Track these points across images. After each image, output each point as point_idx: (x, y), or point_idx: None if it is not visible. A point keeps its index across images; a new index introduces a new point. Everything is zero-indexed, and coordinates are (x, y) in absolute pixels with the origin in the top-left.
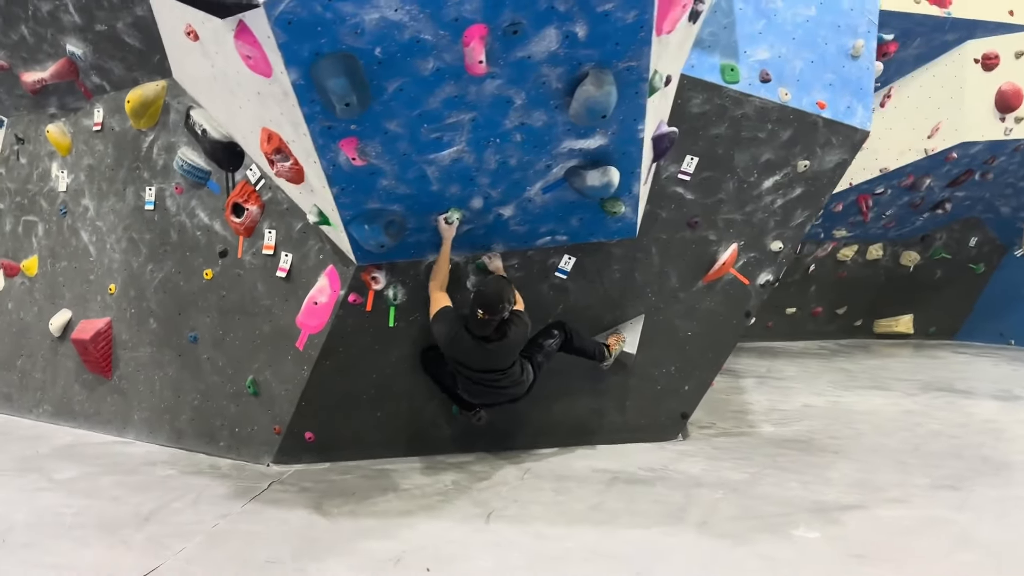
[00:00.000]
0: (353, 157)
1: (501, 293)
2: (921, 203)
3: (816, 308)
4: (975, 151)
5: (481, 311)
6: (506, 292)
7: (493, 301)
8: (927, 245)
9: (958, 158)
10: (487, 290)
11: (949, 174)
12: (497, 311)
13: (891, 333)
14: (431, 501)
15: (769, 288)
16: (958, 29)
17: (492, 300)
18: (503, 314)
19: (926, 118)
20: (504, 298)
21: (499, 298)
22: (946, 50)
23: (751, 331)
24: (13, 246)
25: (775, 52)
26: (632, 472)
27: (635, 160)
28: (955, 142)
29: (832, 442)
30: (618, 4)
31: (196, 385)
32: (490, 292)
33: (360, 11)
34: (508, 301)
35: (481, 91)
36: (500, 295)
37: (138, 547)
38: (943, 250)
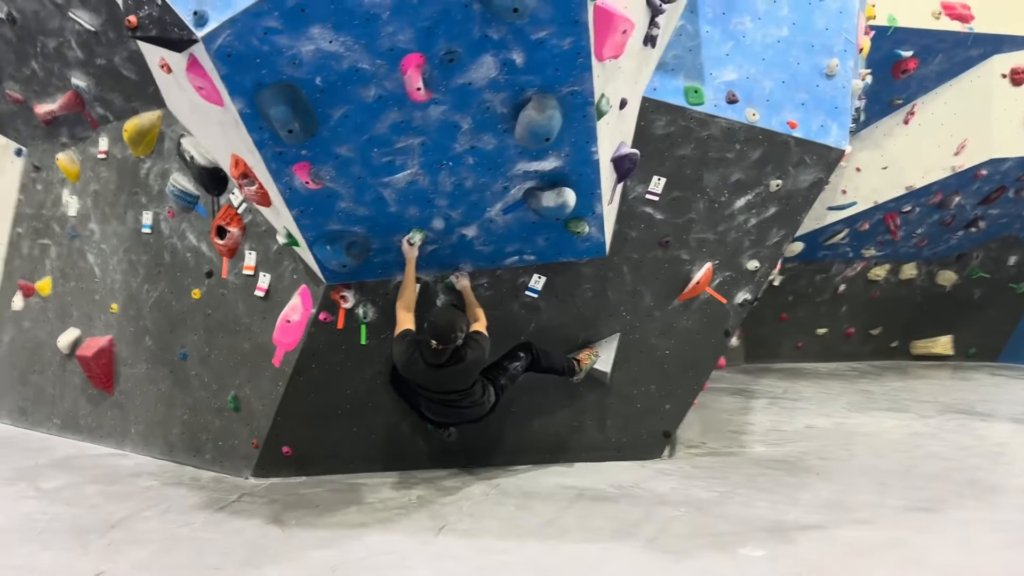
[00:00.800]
0: (307, 181)
1: (453, 323)
2: (953, 221)
3: (848, 329)
4: (1006, 168)
5: (435, 342)
6: (458, 322)
7: (445, 331)
8: (963, 264)
9: (988, 175)
10: (438, 321)
11: (980, 191)
12: (450, 340)
13: (929, 355)
14: (390, 514)
15: (748, 307)
16: (982, 44)
17: (444, 331)
18: (456, 342)
19: (952, 135)
20: (456, 327)
21: (451, 327)
22: (971, 65)
23: (780, 352)
24: (30, 268)
25: (743, 73)
26: (600, 489)
27: (593, 181)
28: (984, 159)
29: (819, 463)
30: (552, 32)
31: (185, 400)
32: (441, 324)
33: (296, 43)
34: (460, 330)
35: (427, 116)
36: (452, 325)
37: (95, 552)
38: (980, 269)
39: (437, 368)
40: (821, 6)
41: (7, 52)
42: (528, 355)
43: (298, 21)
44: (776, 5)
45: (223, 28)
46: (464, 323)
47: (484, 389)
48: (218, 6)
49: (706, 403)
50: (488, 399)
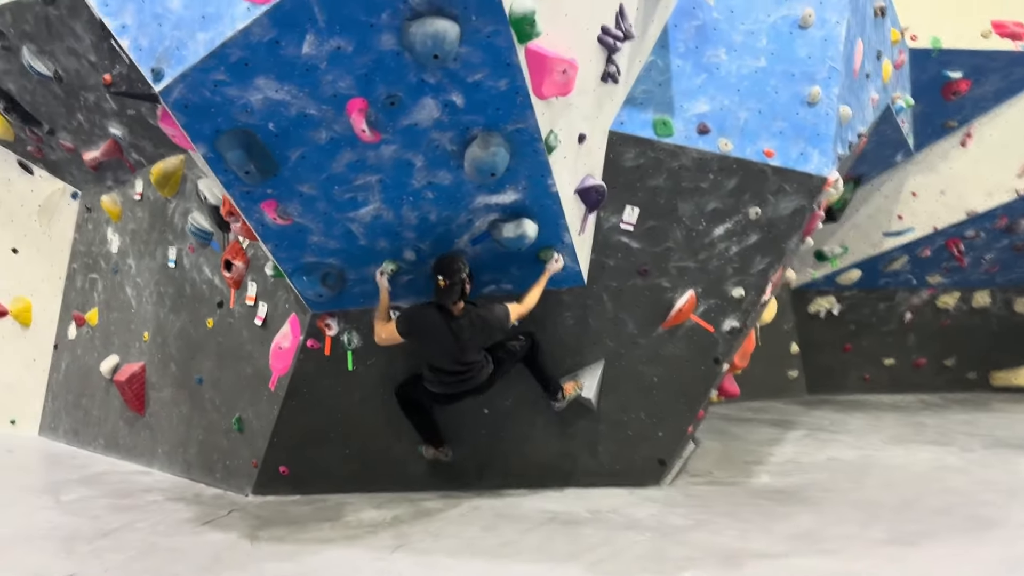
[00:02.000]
0: (275, 218)
1: (455, 257)
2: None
3: (918, 359)
4: None
5: (441, 278)
6: (459, 258)
7: (449, 264)
8: None
9: None
10: (442, 258)
11: None
12: (454, 272)
13: (1010, 386)
14: (358, 532)
15: (738, 335)
16: None
17: (448, 264)
18: (462, 275)
19: (1015, 156)
20: (458, 259)
21: (453, 260)
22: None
23: (845, 384)
24: (82, 300)
25: (716, 104)
26: (575, 513)
27: (556, 212)
28: None
29: (819, 495)
30: (486, 75)
31: (201, 422)
32: (445, 259)
33: (244, 93)
34: (463, 263)
35: (380, 155)
36: (454, 258)
37: (77, 556)
38: None
39: (451, 321)
40: (803, 35)
41: (58, 106)
42: (529, 341)
43: (243, 73)
44: (753, 36)
45: (177, 82)
46: (463, 262)
47: (486, 362)
48: (172, 62)
49: (737, 433)
50: (487, 371)
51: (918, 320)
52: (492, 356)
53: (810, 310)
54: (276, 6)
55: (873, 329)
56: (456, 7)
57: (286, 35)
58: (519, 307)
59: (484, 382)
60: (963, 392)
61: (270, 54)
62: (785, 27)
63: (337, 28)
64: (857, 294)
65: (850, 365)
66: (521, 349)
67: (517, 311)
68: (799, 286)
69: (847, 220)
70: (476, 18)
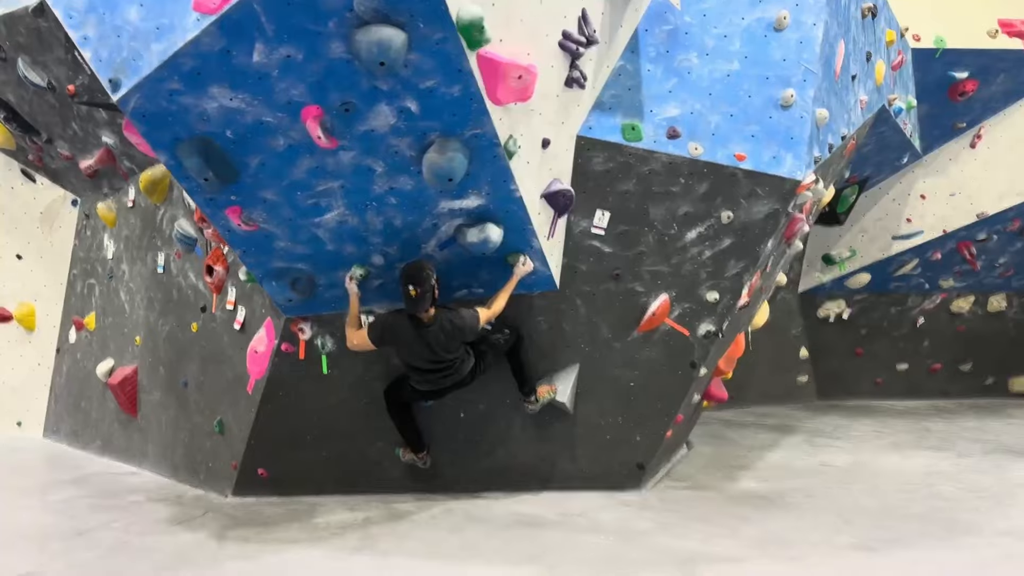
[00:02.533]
0: (239, 224)
1: (422, 264)
2: None
3: (934, 365)
4: None
5: (412, 287)
6: (427, 265)
7: (416, 272)
8: None
9: None
10: (409, 267)
11: None
12: (423, 280)
13: None
14: (325, 534)
15: (713, 339)
16: None
17: (416, 272)
18: (431, 282)
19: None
20: (426, 267)
21: (420, 268)
22: None
23: (857, 389)
24: (81, 305)
25: (687, 108)
26: (543, 517)
27: (522, 217)
28: None
29: (799, 500)
30: (439, 81)
31: (186, 424)
32: (412, 268)
33: (200, 102)
34: (431, 269)
35: (339, 162)
36: (421, 266)
37: (47, 554)
38: None
39: (421, 329)
40: (778, 38)
41: (53, 116)
42: (514, 335)
43: (197, 83)
44: (727, 40)
45: (133, 92)
46: (431, 269)
47: (467, 356)
48: (129, 72)
49: (733, 438)
50: (468, 364)
51: (932, 325)
52: (474, 349)
53: (819, 314)
54: (224, 16)
55: (885, 333)
56: (402, 15)
57: (236, 44)
58: (487, 311)
59: (467, 375)
60: (980, 398)
61: (222, 63)
62: (759, 30)
63: (286, 37)
64: (867, 298)
65: (862, 370)
66: (505, 343)
67: (485, 315)
68: (807, 290)
69: (854, 223)
70: (424, 25)
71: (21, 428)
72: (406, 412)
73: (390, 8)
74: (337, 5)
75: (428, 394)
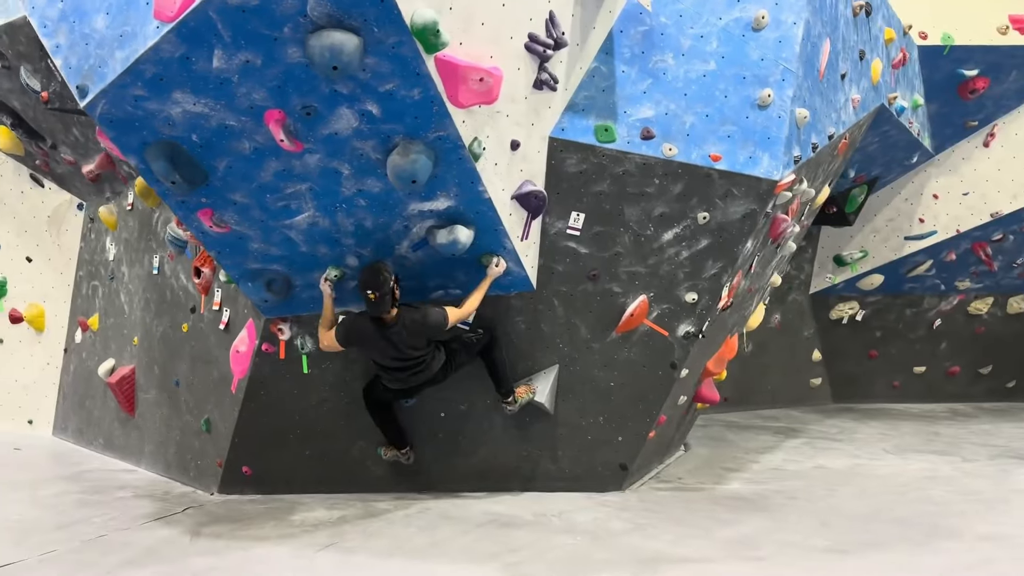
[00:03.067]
0: (211, 226)
1: (378, 268)
2: None
3: (952, 367)
4: None
5: (370, 292)
6: (383, 268)
7: (373, 276)
8: None
9: None
10: (365, 272)
11: None
12: (380, 283)
13: None
14: (296, 531)
15: (693, 340)
16: None
17: (371, 276)
18: (388, 284)
19: None
20: (381, 271)
21: (376, 272)
22: None
23: (873, 391)
24: (86, 306)
25: (661, 109)
26: (518, 516)
27: (492, 218)
28: None
29: (783, 502)
30: (398, 84)
31: (178, 423)
32: (367, 273)
33: (164, 107)
34: (387, 271)
35: (306, 164)
36: (377, 269)
37: (25, 546)
38: None
39: (384, 330)
40: (757, 37)
41: (55, 122)
42: (487, 335)
43: (160, 88)
44: (703, 40)
45: (99, 98)
46: (388, 271)
47: (434, 354)
48: (95, 79)
49: (733, 440)
50: (439, 359)
51: (949, 327)
52: (445, 347)
53: (832, 316)
54: (181, 23)
55: (900, 335)
56: (356, 19)
57: (195, 50)
58: (458, 311)
59: (438, 372)
60: (1000, 402)
61: (183, 69)
62: (737, 30)
63: (243, 42)
64: (881, 299)
65: (877, 372)
66: (478, 342)
67: (456, 315)
68: (818, 291)
69: (866, 224)
70: (378, 30)
71: (32, 426)
72: (386, 410)
73: (343, 13)
74: (291, 10)
75: (401, 392)
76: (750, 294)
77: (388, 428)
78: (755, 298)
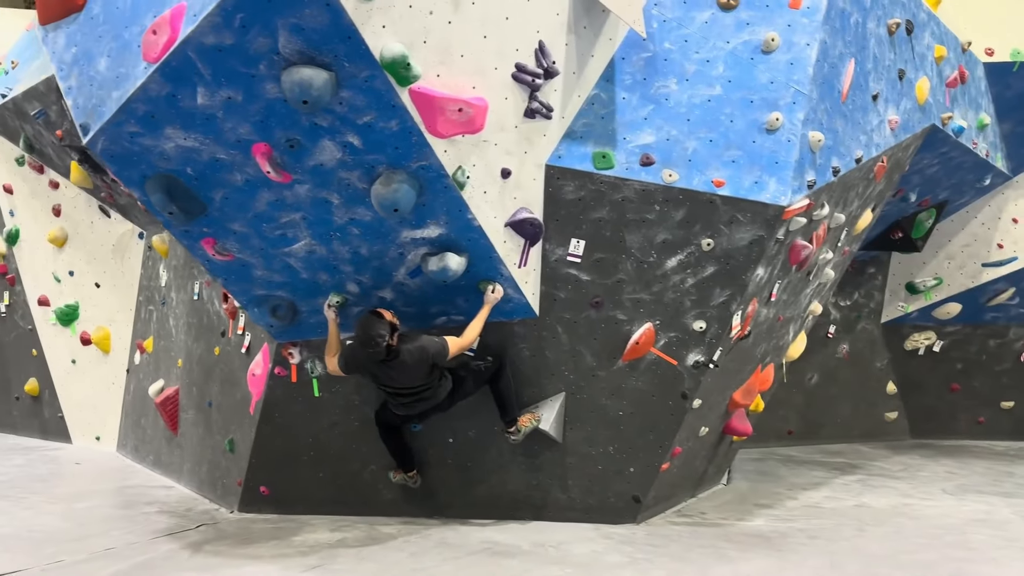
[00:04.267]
0: (214, 254)
1: (370, 322)
2: None
3: None
4: None
5: (367, 350)
6: (374, 327)
7: (367, 339)
8: None
9: None
10: (358, 332)
11: None
12: (373, 344)
13: None
14: (291, 552)
15: (704, 369)
16: None
17: (364, 331)
18: (382, 344)
19: None
20: (374, 332)
21: (369, 325)
22: None
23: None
24: (143, 329)
25: (662, 135)
26: (515, 546)
27: (485, 245)
28: None
29: (802, 542)
30: (376, 116)
31: (210, 442)
32: (360, 334)
33: (158, 142)
34: (379, 335)
35: (296, 195)
36: (369, 324)
37: (37, 555)
38: None
39: (384, 362)
40: (766, 60)
41: None
42: (496, 362)
43: (152, 125)
44: (709, 65)
45: (99, 135)
46: (382, 326)
47: (441, 380)
48: (96, 118)
49: (782, 475)
50: (445, 386)
51: None
52: (452, 374)
53: (907, 346)
54: (164, 63)
55: (984, 368)
56: (327, 55)
57: (180, 89)
58: (459, 340)
59: (444, 400)
60: None
61: (170, 106)
62: (745, 53)
63: (223, 80)
64: (961, 329)
65: (959, 407)
66: (486, 370)
67: (457, 344)
68: (890, 320)
69: (939, 249)
70: (349, 64)
71: (99, 442)
72: (395, 433)
73: (314, 50)
74: (264, 48)
75: (408, 417)
76: (780, 323)
77: (396, 450)
78: (790, 327)
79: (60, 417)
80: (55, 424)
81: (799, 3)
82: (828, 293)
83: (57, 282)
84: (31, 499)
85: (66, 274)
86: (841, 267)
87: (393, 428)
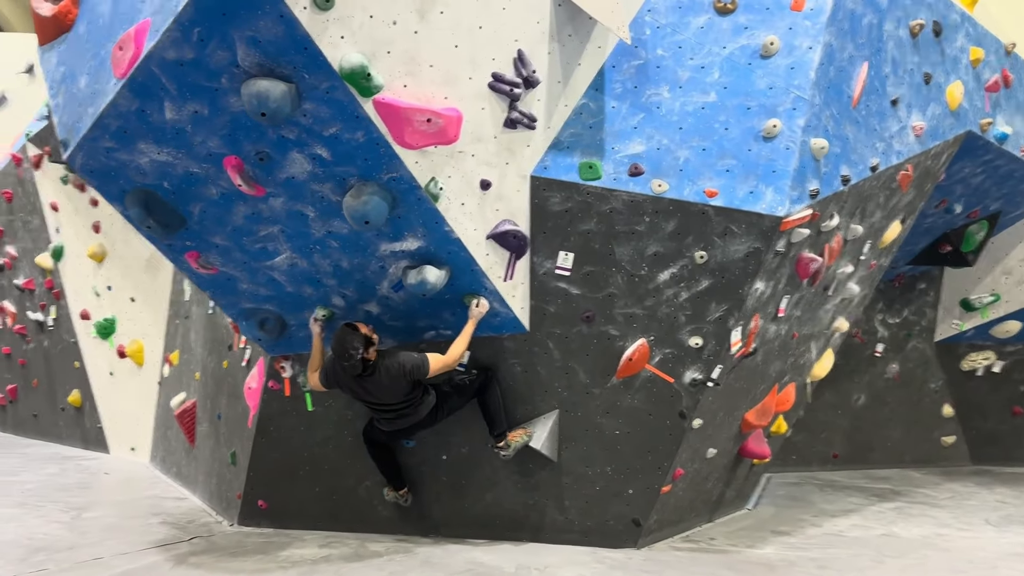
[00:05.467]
0: (197, 268)
1: (343, 342)
2: None
3: None
4: None
5: (343, 363)
6: (348, 339)
7: (341, 352)
8: None
9: None
10: (334, 345)
11: None
12: (348, 357)
13: None
14: (272, 567)
15: (703, 388)
16: None
17: (339, 352)
18: (357, 356)
19: None
20: (348, 345)
21: (344, 340)
22: None
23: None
24: (171, 343)
25: (653, 144)
26: (500, 568)
27: (465, 258)
28: None
29: (807, 571)
30: (341, 128)
31: (218, 454)
32: (336, 347)
33: (133, 157)
34: (353, 347)
35: (272, 208)
36: (343, 344)
37: (28, 563)
38: None
39: (360, 378)
40: (765, 65)
41: None
42: (482, 375)
43: (125, 140)
44: (704, 71)
45: (77, 150)
46: (356, 339)
47: (424, 397)
48: (74, 133)
49: (813, 501)
50: (428, 401)
51: None
52: (437, 390)
53: (963, 367)
54: (130, 79)
55: None
56: (286, 67)
57: (147, 103)
58: (443, 358)
59: (427, 416)
60: None
61: (141, 121)
62: (743, 58)
63: (188, 94)
64: (1022, 349)
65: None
66: (471, 384)
67: (441, 361)
68: (945, 339)
69: (995, 264)
70: (309, 76)
71: (134, 453)
72: (383, 450)
73: (273, 62)
74: (224, 62)
75: (390, 434)
76: (796, 340)
77: (384, 467)
78: (811, 345)
79: (99, 428)
80: (95, 434)
81: (802, 5)
82: (857, 309)
83: (97, 296)
84: (47, 507)
85: (105, 289)
86: (870, 282)
87: (380, 445)
